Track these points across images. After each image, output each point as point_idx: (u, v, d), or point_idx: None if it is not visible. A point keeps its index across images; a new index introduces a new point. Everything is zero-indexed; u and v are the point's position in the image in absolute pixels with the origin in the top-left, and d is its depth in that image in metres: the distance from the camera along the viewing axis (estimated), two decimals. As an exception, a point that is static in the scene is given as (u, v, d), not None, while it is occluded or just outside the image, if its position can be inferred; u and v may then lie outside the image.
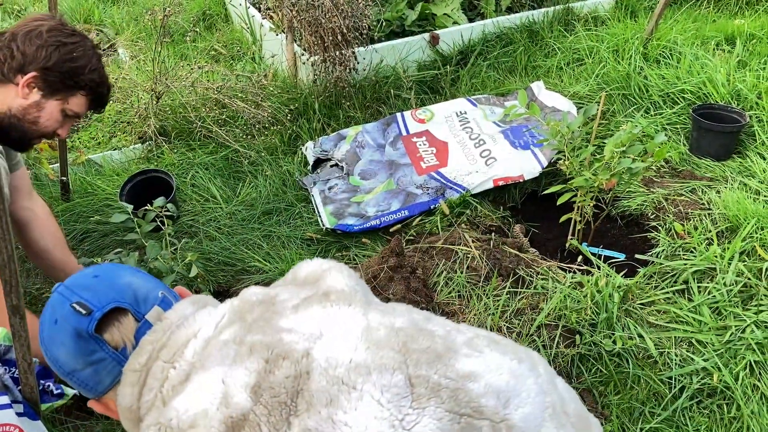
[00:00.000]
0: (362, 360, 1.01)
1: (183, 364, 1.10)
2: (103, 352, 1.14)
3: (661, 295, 2.43)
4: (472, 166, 3.25)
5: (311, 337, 1.06)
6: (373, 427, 0.94)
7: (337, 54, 3.59)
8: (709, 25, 4.22)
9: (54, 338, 1.16)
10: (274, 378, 1.00)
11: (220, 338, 1.10)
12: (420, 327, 1.11)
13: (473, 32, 4.34)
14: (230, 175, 3.42)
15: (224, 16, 5.45)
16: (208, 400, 1.01)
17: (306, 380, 1.00)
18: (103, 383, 1.17)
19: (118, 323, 1.15)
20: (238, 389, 1.00)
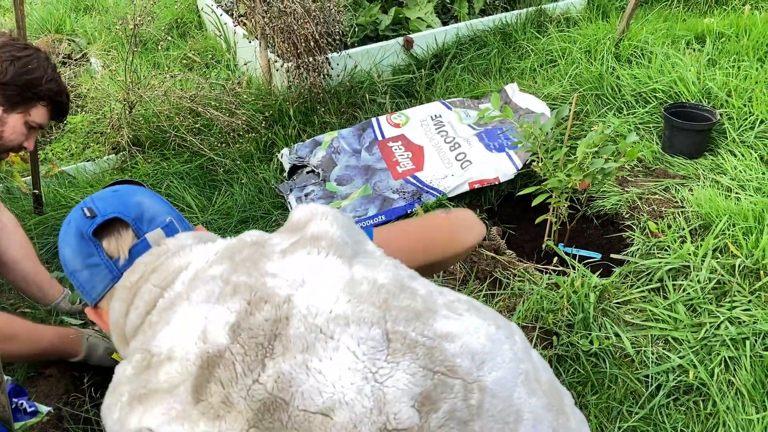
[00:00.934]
0: (342, 311, 1.02)
1: (171, 293, 1.11)
2: (98, 257, 1.20)
3: (636, 294, 2.45)
4: (448, 169, 3.26)
5: (294, 284, 1.06)
6: (346, 378, 0.95)
7: (311, 60, 3.58)
8: (680, 24, 4.27)
9: (64, 237, 1.25)
10: (254, 320, 1.01)
11: (208, 272, 1.11)
12: (403, 284, 1.11)
13: (447, 35, 4.36)
14: (205, 183, 3.39)
15: (198, 24, 5.43)
16: (188, 334, 1.03)
17: (285, 325, 1.01)
18: (96, 289, 1.21)
19: (117, 234, 1.21)
20: (218, 327, 1.02)
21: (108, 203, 1.22)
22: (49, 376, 2.23)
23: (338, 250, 1.13)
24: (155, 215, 1.24)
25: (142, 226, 1.21)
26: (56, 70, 2.25)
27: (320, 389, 0.95)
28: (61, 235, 1.26)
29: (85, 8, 5.75)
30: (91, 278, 1.21)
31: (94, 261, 1.20)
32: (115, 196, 1.25)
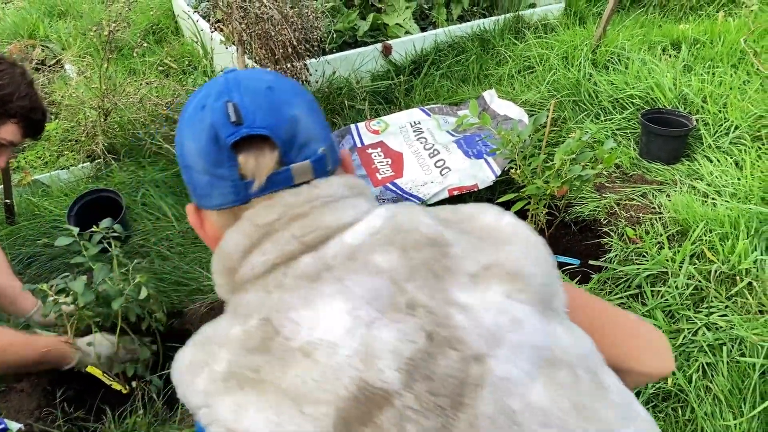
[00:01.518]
0: (541, 406, 0.80)
1: (318, 260, 0.88)
2: (228, 171, 0.92)
3: (615, 300, 2.45)
4: (427, 176, 3.25)
5: (490, 339, 0.82)
6: None
7: (289, 66, 3.55)
8: (656, 30, 4.31)
9: (193, 123, 0.95)
10: (436, 367, 0.79)
11: (372, 258, 0.87)
12: (600, 380, 0.89)
13: (425, 42, 4.35)
14: (182, 192, 3.34)
15: (174, 30, 5.38)
16: (340, 339, 0.80)
17: (473, 396, 0.78)
18: (209, 200, 0.97)
19: (259, 152, 0.91)
20: (389, 355, 0.79)
21: (259, 109, 0.92)
22: (20, 390, 2.19)
23: (536, 297, 0.89)
24: (308, 141, 0.94)
25: (291, 153, 0.92)
26: (32, 86, 2.17)
27: None
28: (187, 121, 0.97)
29: (59, 13, 5.67)
30: (209, 187, 0.95)
31: (221, 173, 0.93)
32: (269, 102, 0.93)
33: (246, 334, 0.85)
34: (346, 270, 0.87)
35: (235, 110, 0.91)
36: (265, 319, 0.85)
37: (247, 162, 0.91)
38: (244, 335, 0.85)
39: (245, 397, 0.80)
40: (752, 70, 3.53)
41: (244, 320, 0.87)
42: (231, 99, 0.92)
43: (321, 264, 0.88)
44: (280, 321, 0.84)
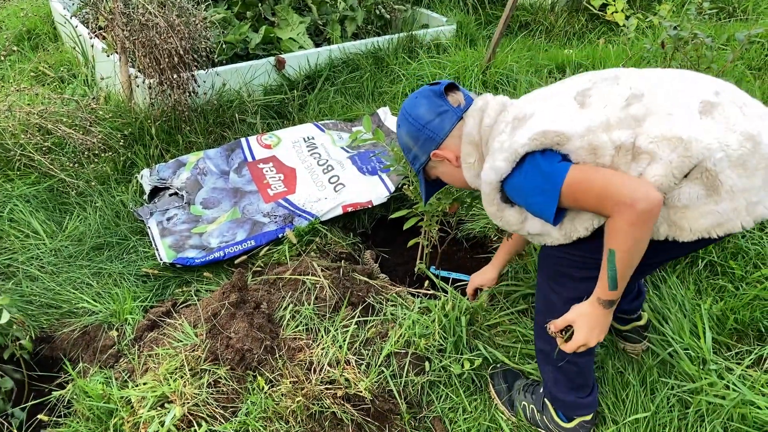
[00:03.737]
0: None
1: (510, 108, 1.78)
2: (447, 106, 1.84)
3: (504, 316, 2.47)
4: (321, 192, 3.18)
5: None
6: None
7: (175, 77, 3.39)
8: (542, 54, 4.47)
9: (415, 104, 1.87)
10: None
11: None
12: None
13: (320, 57, 4.31)
14: (55, 207, 3.11)
15: (53, 36, 5.06)
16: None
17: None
18: (444, 129, 1.84)
19: (453, 94, 1.87)
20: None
21: (440, 82, 1.87)
22: None
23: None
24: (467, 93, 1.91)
25: (466, 91, 1.89)
26: None
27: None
28: (411, 104, 1.88)
29: None
30: (441, 122, 1.83)
31: (444, 109, 1.83)
32: (437, 81, 1.91)
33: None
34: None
35: (432, 84, 1.89)
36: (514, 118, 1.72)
37: (452, 98, 1.85)
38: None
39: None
40: (630, 94, 3.72)
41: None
42: (428, 84, 1.91)
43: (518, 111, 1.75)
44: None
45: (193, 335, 2.26)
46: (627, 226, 1.47)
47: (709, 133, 1.47)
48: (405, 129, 1.90)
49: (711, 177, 1.47)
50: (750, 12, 5.03)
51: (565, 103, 1.64)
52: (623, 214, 1.46)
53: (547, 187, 1.56)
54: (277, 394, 2.02)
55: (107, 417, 2.05)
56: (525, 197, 1.64)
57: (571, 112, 1.60)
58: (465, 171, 1.84)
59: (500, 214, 1.77)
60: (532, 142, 1.56)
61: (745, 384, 2.09)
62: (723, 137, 1.47)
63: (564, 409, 2.03)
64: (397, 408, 2.13)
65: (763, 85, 3.64)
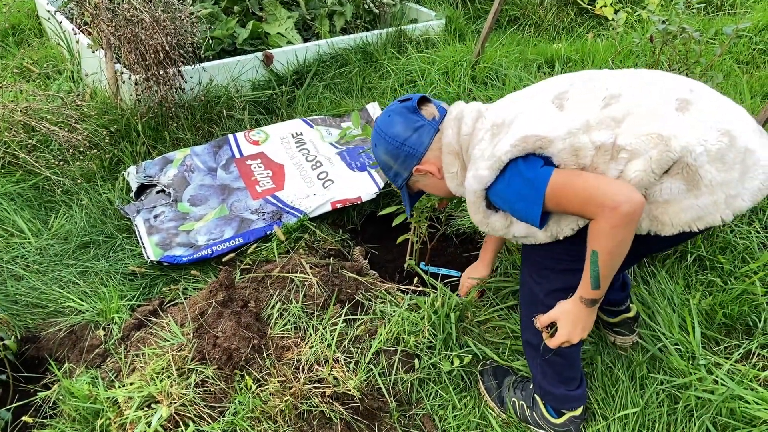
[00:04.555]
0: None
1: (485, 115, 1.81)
2: (423, 121, 1.87)
3: (493, 312, 2.46)
4: (310, 188, 3.16)
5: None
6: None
7: (161, 73, 3.36)
8: (531, 48, 4.46)
9: (390, 123, 1.89)
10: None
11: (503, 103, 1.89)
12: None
13: (308, 52, 4.28)
14: (41, 205, 3.07)
15: (38, 32, 5.00)
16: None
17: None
18: (423, 144, 1.86)
19: (426, 107, 1.90)
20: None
21: (410, 97, 1.89)
22: None
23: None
24: (438, 104, 1.94)
25: (438, 102, 1.93)
26: None
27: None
28: (385, 122, 1.90)
29: None
30: (419, 138, 1.86)
31: (420, 124, 1.86)
32: (405, 96, 1.94)
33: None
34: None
35: (402, 100, 1.90)
36: (491, 125, 1.75)
37: (426, 112, 1.88)
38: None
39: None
40: (619, 88, 3.72)
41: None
42: (398, 101, 1.93)
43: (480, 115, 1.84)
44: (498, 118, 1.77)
45: (179, 334, 2.24)
46: (610, 229, 1.49)
47: (688, 130, 1.52)
48: (383, 148, 1.92)
49: (691, 172, 1.52)
50: (738, 6, 5.04)
51: (543, 107, 1.67)
52: (606, 217, 1.49)
53: (531, 192, 1.59)
54: (265, 394, 2.00)
55: (94, 418, 2.03)
56: (509, 203, 1.66)
57: (551, 116, 1.63)
58: (448, 181, 1.88)
59: (486, 221, 1.80)
60: (514, 149, 1.59)
61: (734, 379, 2.09)
62: (701, 133, 1.51)
63: (554, 403, 2.02)
64: (387, 406, 2.12)
65: (750, 79, 3.65)
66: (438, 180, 1.92)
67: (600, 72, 1.75)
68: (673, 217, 1.57)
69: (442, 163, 1.88)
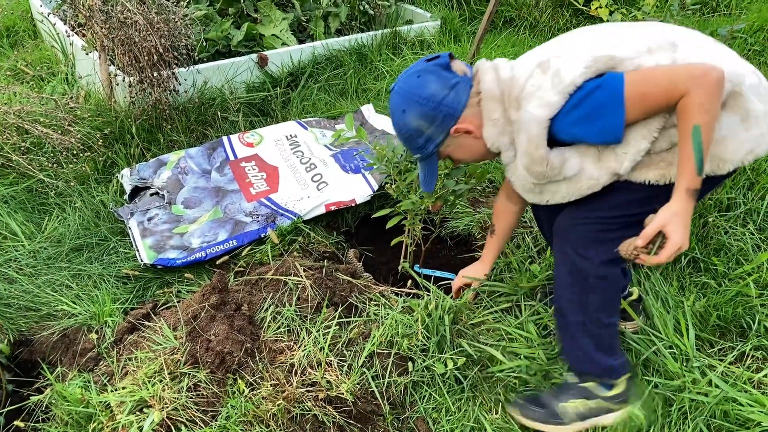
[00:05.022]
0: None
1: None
2: (456, 78, 1.81)
3: (488, 315, 2.46)
4: (304, 191, 3.16)
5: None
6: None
7: (155, 75, 3.35)
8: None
9: (422, 84, 1.81)
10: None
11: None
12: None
13: (303, 54, 4.27)
14: (34, 208, 3.06)
15: (33, 33, 4.99)
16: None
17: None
18: (461, 101, 1.81)
19: (454, 63, 1.85)
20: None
21: (438, 55, 1.85)
22: None
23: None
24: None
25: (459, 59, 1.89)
26: None
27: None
28: (416, 84, 1.81)
29: None
30: (456, 95, 1.80)
31: (455, 80, 1.81)
32: (430, 56, 1.88)
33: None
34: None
35: (430, 58, 1.84)
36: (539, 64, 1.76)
37: (456, 68, 1.84)
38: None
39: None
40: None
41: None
42: (425, 59, 1.87)
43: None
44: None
45: (172, 338, 2.23)
46: (706, 96, 1.51)
47: (735, 62, 1.63)
48: (416, 112, 1.83)
49: (742, 103, 1.61)
50: (733, 7, 5.04)
51: (594, 40, 1.70)
52: (700, 85, 1.51)
53: (610, 100, 1.60)
54: (258, 398, 1.99)
55: (86, 422, 2.02)
56: (586, 125, 1.65)
57: (611, 44, 1.65)
58: (488, 130, 1.83)
59: (546, 156, 1.75)
60: (587, 70, 1.61)
61: (728, 381, 2.09)
62: (743, 66, 1.64)
63: (610, 375, 1.98)
64: (380, 409, 2.11)
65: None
66: (473, 140, 1.88)
67: (629, 24, 1.82)
68: (732, 154, 1.64)
69: (478, 119, 1.84)
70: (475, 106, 1.83)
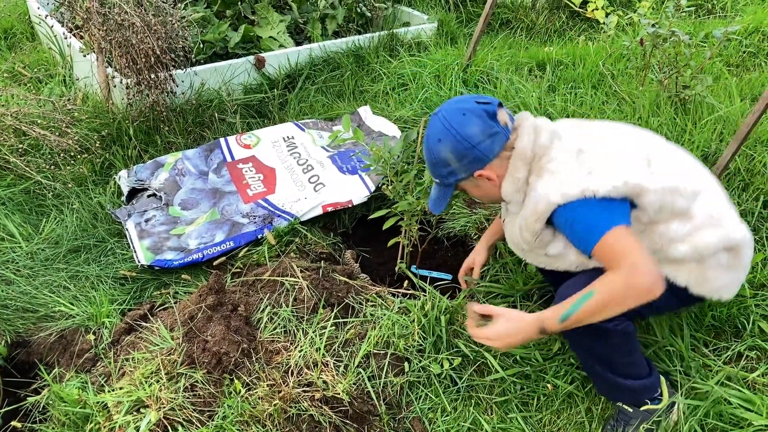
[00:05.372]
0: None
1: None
2: (497, 128, 1.86)
3: (484, 315, 2.47)
4: (301, 192, 3.17)
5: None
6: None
7: (152, 77, 3.36)
8: (522, 51, 4.47)
9: (465, 123, 1.85)
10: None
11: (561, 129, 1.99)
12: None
13: (300, 56, 4.28)
14: (32, 210, 3.07)
15: (30, 35, 5.00)
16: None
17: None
18: (494, 151, 1.87)
19: (500, 112, 1.89)
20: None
21: (489, 100, 1.89)
22: None
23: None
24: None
25: (505, 109, 1.92)
26: None
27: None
28: (459, 121, 1.85)
29: None
30: (491, 144, 1.86)
31: (495, 131, 1.86)
32: (481, 96, 1.93)
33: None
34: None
35: (481, 102, 1.88)
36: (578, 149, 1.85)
37: (500, 118, 1.87)
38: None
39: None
40: (610, 91, 3.73)
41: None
42: (476, 99, 1.90)
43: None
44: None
45: (169, 339, 2.24)
46: (623, 285, 1.61)
47: (740, 224, 1.87)
48: (449, 146, 1.88)
49: (740, 255, 1.86)
50: (728, 9, 5.06)
51: (636, 158, 1.81)
52: (629, 274, 1.60)
53: (595, 225, 1.70)
54: (254, 398, 2.00)
55: (83, 422, 2.03)
56: (573, 224, 1.76)
57: (645, 170, 1.78)
58: (508, 184, 1.90)
59: (539, 231, 1.87)
60: (615, 190, 1.70)
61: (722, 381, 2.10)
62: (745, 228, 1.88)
63: (630, 398, 2.01)
64: (376, 409, 2.12)
65: (740, 82, 3.67)
66: (491, 186, 1.95)
67: (664, 143, 1.96)
68: (715, 283, 1.86)
69: (503, 170, 1.90)
70: (504, 158, 1.90)
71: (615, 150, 1.84)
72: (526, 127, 1.88)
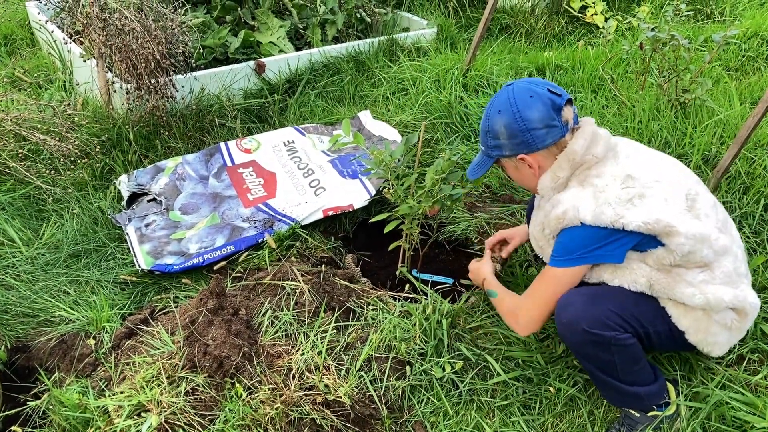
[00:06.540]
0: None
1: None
2: (557, 122, 1.87)
3: (484, 320, 2.46)
4: (302, 196, 3.16)
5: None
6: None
7: (152, 82, 3.36)
8: (522, 56, 4.48)
9: (529, 105, 1.85)
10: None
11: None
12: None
13: (300, 61, 4.29)
14: (32, 214, 3.07)
15: (30, 41, 5.01)
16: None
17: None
18: (545, 142, 1.88)
19: (566, 108, 1.89)
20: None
21: (560, 93, 1.88)
22: None
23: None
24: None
25: (575, 108, 1.94)
26: None
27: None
28: (525, 101, 1.85)
29: None
30: (545, 135, 1.87)
31: (554, 123, 1.86)
32: (556, 88, 1.90)
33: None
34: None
35: (552, 91, 1.87)
36: (627, 176, 1.86)
37: (564, 114, 1.88)
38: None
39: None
40: (610, 95, 3.73)
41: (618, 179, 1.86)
42: (548, 86, 1.89)
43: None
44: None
45: (170, 343, 2.23)
46: (505, 312, 2.13)
47: (752, 291, 1.94)
48: (505, 120, 1.90)
49: (744, 319, 1.93)
50: (727, 14, 5.08)
51: (677, 198, 1.83)
52: (514, 312, 2.06)
53: (556, 253, 1.92)
54: (256, 401, 2.00)
55: (84, 427, 2.02)
56: (560, 236, 1.91)
57: (683, 210, 1.82)
58: (547, 178, 1.94)
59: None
60: (644, 226, 1.75)
61: (725, 384, 2.09)
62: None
63: (638, 405, 2.01)
64: (378, 413, 2.12)
65: (739, 86, 3.67)
66: (530, 173, 1.99)
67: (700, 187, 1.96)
68: (713, 337, 1.92)
69: (547, 163, 1.94)
70: (552, 153, 1.92)
71: (662, 182, 1.85)
72: (586, 132, 1.89)
